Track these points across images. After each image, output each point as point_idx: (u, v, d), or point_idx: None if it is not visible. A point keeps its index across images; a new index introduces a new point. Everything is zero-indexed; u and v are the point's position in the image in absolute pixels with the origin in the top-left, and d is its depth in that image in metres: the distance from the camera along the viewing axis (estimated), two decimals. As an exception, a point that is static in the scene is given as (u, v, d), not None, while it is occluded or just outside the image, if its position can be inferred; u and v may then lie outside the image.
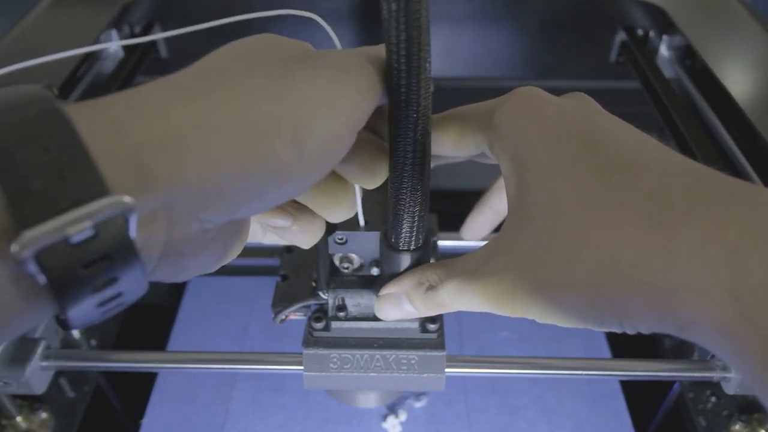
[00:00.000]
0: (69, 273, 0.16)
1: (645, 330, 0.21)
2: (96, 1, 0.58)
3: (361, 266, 0.32)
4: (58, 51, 0.25)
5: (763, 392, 0.18)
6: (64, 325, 0.18)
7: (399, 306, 0.28)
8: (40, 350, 0.35)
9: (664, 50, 0.57)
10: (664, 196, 0.20)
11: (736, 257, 0.17)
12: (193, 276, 0.23)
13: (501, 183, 0.34)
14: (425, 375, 0.33)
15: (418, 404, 0.47)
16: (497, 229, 0.37)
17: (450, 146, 0.27)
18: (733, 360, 0.18)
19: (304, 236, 0.27)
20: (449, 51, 0.62)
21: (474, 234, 0.37)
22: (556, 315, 0.23)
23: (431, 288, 0.27)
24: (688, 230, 0.19)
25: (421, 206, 0.26)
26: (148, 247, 0.19)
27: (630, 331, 0.21)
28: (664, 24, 0.56)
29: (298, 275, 0.37)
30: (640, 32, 0.59)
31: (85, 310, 0.18)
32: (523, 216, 0.23)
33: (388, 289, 0.28)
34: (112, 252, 0.17)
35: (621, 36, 0.60)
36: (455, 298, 0.26)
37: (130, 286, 0.18)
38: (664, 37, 0.57)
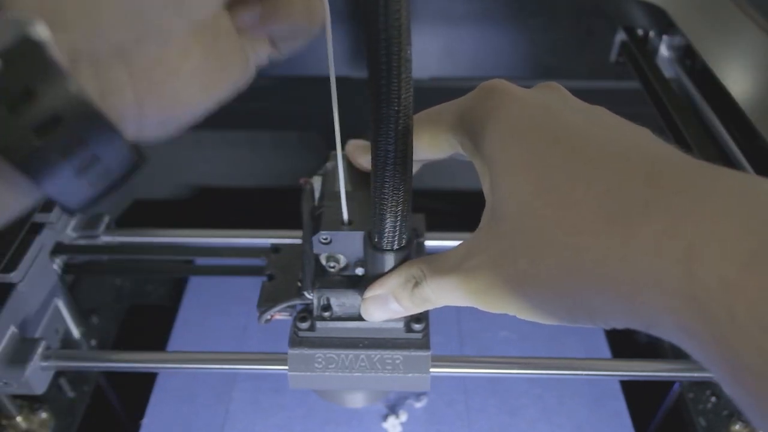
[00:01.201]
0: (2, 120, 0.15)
1: (618, 326, 0.21)
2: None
3: (347, 266, 0.32)
4: (57, 51, 0.25)
5: (727, 390, 0.18)
6: (63, 207, 0.17)
7: (385, 306, 0.28)
8: (40, 350, 0.35)
9: (664, 50, 0.57)
10: (623, 190, 0.20)
11: (692, 256, 0.17)
12: (193, 117, 0.20)
13: None
14: (410, 375, 0.33)
15: (418, 404, 0.47)
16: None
17: (424, 148, 0.27)
18: (699, 358, 0.18)
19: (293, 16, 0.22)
20: (449, 51, 0.62)
21: None
22: (531, 312, 0.23)
23: (417, 285, 0.27)
24: (645, 227, 0.18)
25: (404, 205, 0.26)
26: (113, 94, 0.17)
27: (605, 327, 0.21)
28: (664, 24, 0.56)
29: (284, 275, 0.37)
30: (640, 32, 0.59)
31: (63, 180, 0.16)
32: (494, 214, 0.23)
33: (374, 291, 0.28)
34: (37, 84, 0.15)
35: (621, 36, 0.60)
36: (439, 294, 0.26)
37: (102, 143, 0.17)
38: (664, 37, 0.57)
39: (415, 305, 0.27)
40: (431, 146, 0.27)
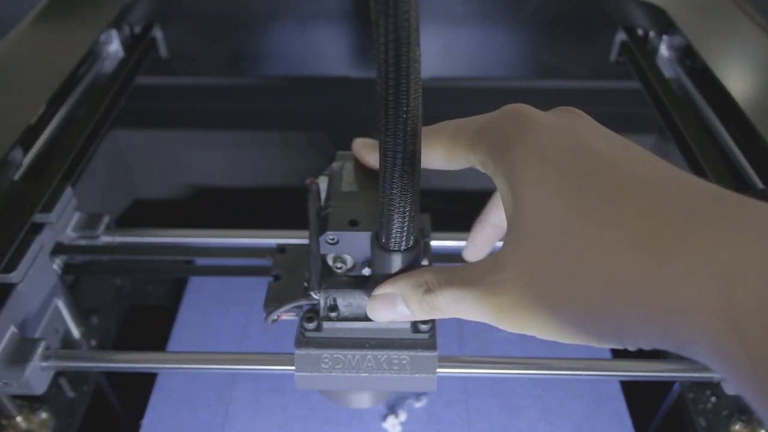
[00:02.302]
0: None
1: (646, 347, 0.21)
2: (96, 1, 0.58)
3: (354, 266, 0.32)
4: (58, 50, 0.25)
5: (760, 412, 0.18)
6: None
7: (393, 307, 0.28)
8: (40, 350, 0.35)
9: (664, 50, 0.57)
10: (657, 214, 0.20)
11: (730, 279, 0.17)
12: None
13: (496, 198, 0.34)
14: (417, 375, 0.33)
15: (418, 404, 0.47)
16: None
17: (440, 161, 0.28)
18: (730, 379, 0.18)
19: None
20: (449, 51, 0.62)
21: (477, 254, 0.37)
22: (556, 331, 0.23)
23: (429, 291, 0.26)
24: (682, 251, 0.19)
25: (412, 206, 0.26)
26: None
27: (631, 348, 0.21)
28: (664, 24, 0.56)
29: (291, 275, 0.37)
30: (640, 32, 0.59)
31: None
32: (522, 233, 0.23)
33: (383, 289, 0.28)
34: None
35: (621, 36, 0.60)
36: (453, 305, 0.26)
37: None
38: (664, 37, 0.57)
39: (424, 311, 0.27)
40: (447, 160, 0.28)
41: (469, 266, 0.26)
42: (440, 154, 0.27)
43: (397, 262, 0.28)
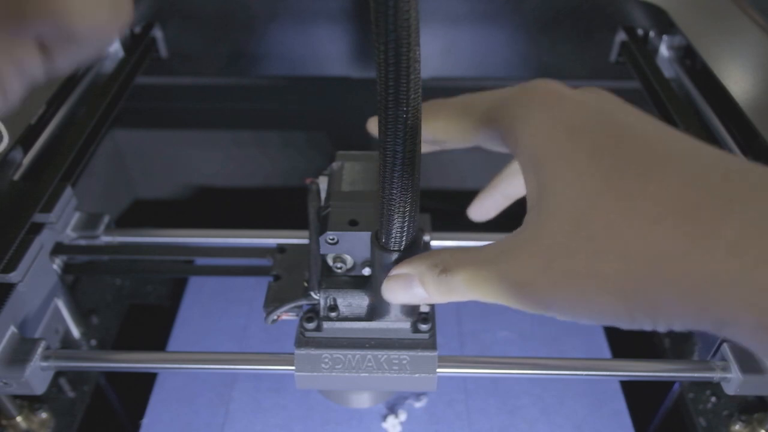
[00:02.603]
0: None
1: (679, 327, 0.20)
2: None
3: (354, 266, 0.32)
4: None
5: None
6: None
7: (409, 288, 0.27)
8: (40, 350, 0.35)
9: (664, 50, 0.57)
10: (699, 188, 0.19)
11: None
12: None
13: (511, 169, 0.33)
14: (417, 375, 0.33)
15: (418, 404, 0.47)
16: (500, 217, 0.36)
17: (451, 138, 0.27)
18: None
19: None
20: (449, 51, 0.62)
21: (480, 215, 0.36)
22: (582, 311, 0.22)
23: (445, 271, 0.25)
24: (727, 224, 0.18)
25: (412, 206, 0.26)
26: None
27: (662, 329, 0.20)
28: (664, 24, 0.56)
29: (291, 275, 0.37)
30: (640, 32, 0.59)
31: None
32: (547, 210, 0.22)
33: (399, 270, 0.27)
34: None
35: (621, 36, 0.60)
36: (471, 285, 0.25)
37: None
38: (664, 37, 0.57)
39: (441, 293, 0.26)
40: (459, 136, 0.27)
41: (488, 246, 0.25)
42: (452, 131, 0.27)
43: (397, 261, 0.28)
